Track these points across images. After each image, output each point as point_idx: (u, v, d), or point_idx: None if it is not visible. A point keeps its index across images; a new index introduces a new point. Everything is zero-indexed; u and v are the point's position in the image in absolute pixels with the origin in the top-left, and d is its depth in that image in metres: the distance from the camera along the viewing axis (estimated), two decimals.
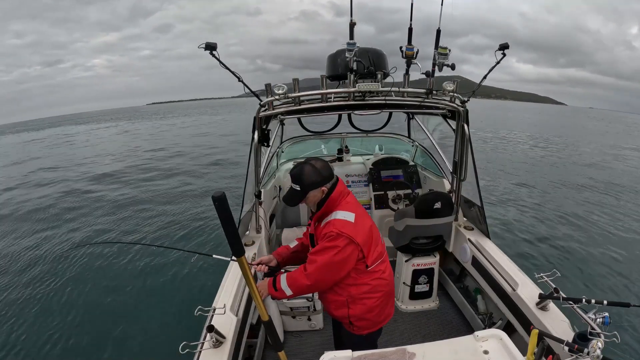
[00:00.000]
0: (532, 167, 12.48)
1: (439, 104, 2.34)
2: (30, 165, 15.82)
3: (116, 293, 4.59)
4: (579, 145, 19.79)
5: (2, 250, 6.19)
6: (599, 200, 8.61)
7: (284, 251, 1.93)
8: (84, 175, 12.17)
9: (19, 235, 6.88)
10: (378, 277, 1.67)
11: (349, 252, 1.55)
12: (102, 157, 16.44)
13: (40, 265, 5.52)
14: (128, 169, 12.78)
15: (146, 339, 3.67)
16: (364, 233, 1.60)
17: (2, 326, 3.99)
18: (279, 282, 1.66)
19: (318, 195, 1.63)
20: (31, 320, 4.09)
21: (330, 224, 1.57)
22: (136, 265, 5.30)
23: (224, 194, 1.25)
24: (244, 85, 2.08)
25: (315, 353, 1.51)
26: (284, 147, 4.36)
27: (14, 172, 14.11)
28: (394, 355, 1.24)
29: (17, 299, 4.53)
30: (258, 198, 2.77)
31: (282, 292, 1.64)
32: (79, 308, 4.32)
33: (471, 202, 2.89)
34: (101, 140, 26.70)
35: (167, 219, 7.29)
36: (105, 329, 3.87)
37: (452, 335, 1.34)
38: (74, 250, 5.78)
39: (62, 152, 20.12)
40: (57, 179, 11.98)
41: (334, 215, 1.60)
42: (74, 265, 5.41)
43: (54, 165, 15.12)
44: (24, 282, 4.99)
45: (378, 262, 1.67)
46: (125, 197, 9.07)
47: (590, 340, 1.36)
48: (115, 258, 5.58)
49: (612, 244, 5.89)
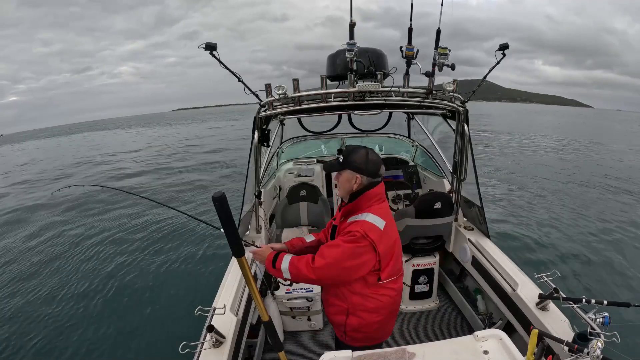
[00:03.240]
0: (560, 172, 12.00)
1: (438, 104, 2.34)
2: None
3: (116, 294, 4.60)
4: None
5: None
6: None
7: (297, 243, 1.83)
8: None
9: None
10: (387, 294, 1.56)
11: (366, 258, 1.44)
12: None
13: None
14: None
15: (146, 338, 3.67)
16: (388, 244, 1.50)
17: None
18: (280, 261, 1.56)
19: (351, 181, 1.52)
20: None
21: (358, 224, 1.46)
22: (136, 263, 5.32)
23: (224, 194, 1.25)
24: (244, 86, 2.08)
25: (315, 353, 1.51)
26: (284, 147, 4.36)
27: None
28: (394, 355, 1.24)
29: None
30: (258, 198, 2.77)
31: (279, 273, 1.55)
32: (78, 307, 4.32)
33: (471, 202, 2.89)
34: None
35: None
36: (105, 328, 3.87)
37: (452, 335, 1.34)
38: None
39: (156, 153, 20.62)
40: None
41: (364, 216, 1.49)
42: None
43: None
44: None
45: (392, 278, 1.56)
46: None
47: (590, 340, 1.36)
48: (117, 256, 5.60)
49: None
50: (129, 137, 35.33)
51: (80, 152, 23.23)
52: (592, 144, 20.64)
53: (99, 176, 13.27)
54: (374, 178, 1.54)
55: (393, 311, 1.66)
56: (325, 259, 1.45)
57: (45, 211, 8.71)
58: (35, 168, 17.76)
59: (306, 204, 3.40)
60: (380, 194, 1.56)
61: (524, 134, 25.05)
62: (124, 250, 5.93)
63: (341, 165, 1.54)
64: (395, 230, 1.62)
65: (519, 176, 11.00)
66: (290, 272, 1.52)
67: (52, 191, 2.64)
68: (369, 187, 1.53)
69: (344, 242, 1.45)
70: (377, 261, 1.47)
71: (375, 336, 1.66)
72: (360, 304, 1.55)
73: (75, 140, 35.94)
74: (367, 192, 1.52)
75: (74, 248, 6.21)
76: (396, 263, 1.59)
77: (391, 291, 1.58)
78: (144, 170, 13.68)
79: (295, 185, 3.48)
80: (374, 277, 1.52)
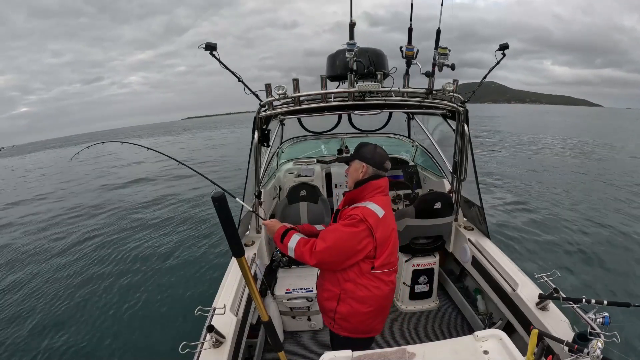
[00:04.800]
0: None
1: (438, 104, 2.34)
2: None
3: (115, 294, 4.60)
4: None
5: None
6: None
7: (307, 229, 1.88)
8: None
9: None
10: (379, 286, 1.61)
11: (364, 243, 1.52)
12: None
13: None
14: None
15: (146, 338, 3.67)
16: (385, 232, 1.58)
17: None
18: (288, 238, 1.63)
19: (358, 171, 1.66)
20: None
21: (358, 209, 1.55)
22: (135, 264, 5.32)
23: (224, 194, 1.25)
24: (244, 86, 2.08)
25: (315, 353, 1.51)
26: (284, 147, 4.36)
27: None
28: (394, 355, 1.24)
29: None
30: (258, 198, 2.76)
31: (285, 249, 1.63)
32: (79, 305, 4.32)
33: (471, 202, 2.89)
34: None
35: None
36: (104, 328, 3.88)
37: (452, 335, 1.34)
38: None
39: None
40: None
41: (365, 203, 1.58)
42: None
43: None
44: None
45: (386, 270, 1.62)
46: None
47: (590, 340, 1.36)
48: (117, 256, 5.60)
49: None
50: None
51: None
52: (607, 146, 19.67)
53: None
54: (379, 170, 1.66)
55: (383, 306, 1.69)
56: (326, 242, 1.53)
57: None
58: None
59: (306, 204, 3.40)
60: (384, 187, 1.66)
61: (543, 135, 24.85)
62: (124, 250, 5.94)
63: (351, 156, 1.72)
64: (394, 222, 1.70)
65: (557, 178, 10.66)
66: (295, 251, 1.60)
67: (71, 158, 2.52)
68: (374, 178, 1.64)
69: (343, 226, 1.54)
70: (373, 247, 1.55)
71: (361, 328, 1.69)
72: (351, 291, 1.61)
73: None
74: (371, 181, 1.63)
75: (78, 246, 6.22)
76: (391, 255, 1.65)
77: (383, 284, 1.63)
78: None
79: (295, 185, 3.48)
80: (368, 264, 1.58)
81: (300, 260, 1.60)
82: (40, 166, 25.37)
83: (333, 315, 1.68)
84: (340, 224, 1.57)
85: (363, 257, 1.56)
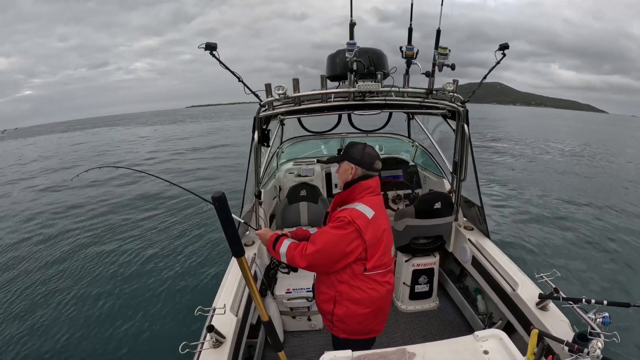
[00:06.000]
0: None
1: (438, 104, 2.34)
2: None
3: (115, 294, 4.60)
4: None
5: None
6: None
7: (301, 234, 1.87)
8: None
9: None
10: (374, 287, 1.59)
11: (353, 245, 1.50)
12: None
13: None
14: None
15: (146, 338, 3.67)
16: (375, 233, 1.55)
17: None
18: (279, 244, 1.63)
19: (347, 172, 1.63)
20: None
21: (346, 211, 1.54)
22: (135, 264, 5.32)
23: (224, 194, 1.25)
24: (244, 86, 2.08)
25: (315, 353, 1.51)
26: (284, 147, 4.36)
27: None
28: (394, 355, 1.23)
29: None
30: (258, 198, 2.76)
31: (277, 255, 1.63)
32: (78, 307, 4.32)
33: (471, 202, 2.89)
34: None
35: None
36: (105, 328, 3.87)
37: (452, 335, 1.34)
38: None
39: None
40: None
41: (354, 205, 1.56)
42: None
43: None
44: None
45: (379, 271, 1.60)
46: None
47: (590, 340, 1.36)
48: (116, 256, 5.60)
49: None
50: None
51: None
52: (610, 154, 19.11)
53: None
54: (369, 170, 1.63)
55: (380, 308, 1.67)
56: (316, 245, 1.52)
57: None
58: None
59: (306, 204, 3.40)
60: (374, 187, 1.64)
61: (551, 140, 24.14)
62: (123, 250, 5.93)
63: (340, 157, 1.68)
64: (386, 222, 1.67)
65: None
66: (286, 256, 1.59)
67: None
68: (363, 178, 1.61)
69: (331, 229, 1.53)
70: (363, 249, 1.52)
71: (359, 330, 1.67)
72: (346, 293, 1.59)
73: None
74: (360, 182, 1.60)
75: (77, 246, 6.21)
76: (383, 256, 1.61)
77: (378, 285, 1.61)
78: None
79: (295, 185, 3.48)
80: (360, 266, 1.56)
81: (291, 264, 1.59)
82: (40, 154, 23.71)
83: (331, 317, 1.67)
84: (329, 226, 1.56)
85: (354, 259, 1.54)
